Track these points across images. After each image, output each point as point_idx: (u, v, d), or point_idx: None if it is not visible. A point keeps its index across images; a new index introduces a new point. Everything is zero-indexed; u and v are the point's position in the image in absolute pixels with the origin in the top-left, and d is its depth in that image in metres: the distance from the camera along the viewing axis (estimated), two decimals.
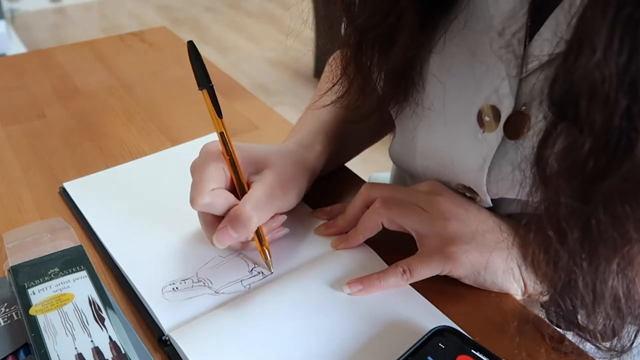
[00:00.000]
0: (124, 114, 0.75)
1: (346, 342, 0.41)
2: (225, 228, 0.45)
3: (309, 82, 2.71)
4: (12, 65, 0.89)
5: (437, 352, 0.38)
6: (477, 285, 0.46)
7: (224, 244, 0.46)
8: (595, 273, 0.35)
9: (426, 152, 0.52)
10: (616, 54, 0.28)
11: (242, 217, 0.45)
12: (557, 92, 0.33)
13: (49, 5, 3.66)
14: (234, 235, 0.45)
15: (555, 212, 0.35)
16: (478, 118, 0.46)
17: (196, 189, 0.46)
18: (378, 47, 0.47)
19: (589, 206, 0.33)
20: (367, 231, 0.49)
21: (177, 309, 0.44)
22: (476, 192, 0.49)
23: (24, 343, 0.41)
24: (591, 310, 0.38)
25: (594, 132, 0.31)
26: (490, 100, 0.45)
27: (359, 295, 0.45)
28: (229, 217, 0.45)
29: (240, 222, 0.45)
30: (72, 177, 0.60)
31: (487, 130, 0.45)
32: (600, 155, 0.31)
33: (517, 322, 0.43)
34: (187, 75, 0.87)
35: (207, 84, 0.47)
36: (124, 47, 0.97)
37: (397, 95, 0.50)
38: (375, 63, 0.48)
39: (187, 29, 3.33)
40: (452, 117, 0.48)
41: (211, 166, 0.47)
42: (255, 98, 0.79)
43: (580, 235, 0.34)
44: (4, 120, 0.73)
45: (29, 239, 0.50)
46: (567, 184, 0.34)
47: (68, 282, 0.44)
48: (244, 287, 0.46)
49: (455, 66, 0.46)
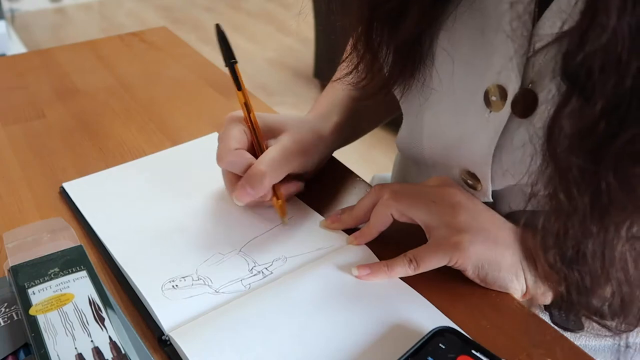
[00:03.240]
0: (124, 114, 0.75)
1: (347, 342, 0.41)
2: (242, 186, 0.49)
3: (309, 82, 2.71)
4: (12, 65, 0.89)
5: (437, 353, 0.38)
6: (479, 280, 0.46)
7: (243, 201, 0.50)
8: (605, 239, 0.35)
9: (433, 133, 0.52)
10: (629, 15, 0.29)
11: (258, 174, 0.49)
12: (570, 63, 0.33)
13: (49, 5, 3.66)
14: (250, 191, 0.49)
15: (566, 177, 0.35)
16: (485, 98, 0.46)
17: (221, 148, 0.51)
18: (388, 22, 0.48)
19: (600, 168, 0.33)
20: (378, 225, 0.49)
21: (177, 308, 0.44)
22: (479, 179, 0.49)
23: (24, 343, 0.41)
24: (599, 281, 0.37)
25: (605, 95, 0.31)
26: (497, 80, 0.45)
27: (366, 280, 0.46)
28: (246, 175, 0.50)
29: (255, 179, 0.49)
30: (72, 177, 0.60)
31: (494, 109, 0.46)
32: (611, 117, 0.32)
33: (517, 322, 0.43)
34: (187, 75, 0.87)
35: (230, 61, 0.52)
36: (124, 47, 0.97)
37: (405, 72, 0.50)
38: (385, 39, 0.49)
39: (187, 29, 3.33)
40: (459, 97, 0.48)
41: (235, 129, 0.52)
42: (255, 98, 0.79)
43: (590, 200, 0.34)
44: (4, 120, 0.73)
45: (29, 239, 0.50)
46: (578, 147, 0.34)
47: (68, 282, 0.44)
48: (244, 287, 0.46)
49: (462, 45, 0.47)
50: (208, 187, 0.58)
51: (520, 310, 0.45)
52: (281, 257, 0.49)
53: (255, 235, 0.52)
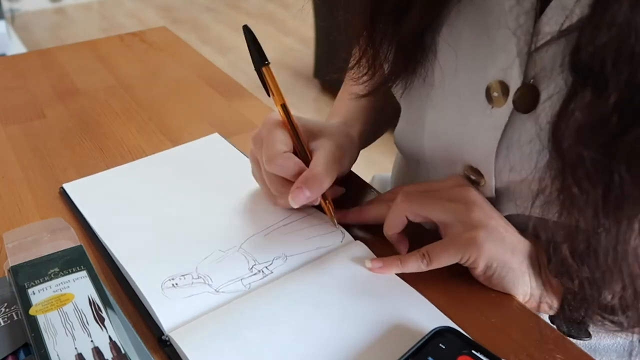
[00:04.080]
0: (124, 114, 0.75)
1: (347, 342, 0.41)
2: (300, 188, 0.48)
3: (309, 82, 2.71)
4: (12, 65, 0.89)
5: (437, 353, 0.38)
6: (484, 279, 0.46)
7: (299, 203, 0.49)
8: (617, 233, 0.35)
9: (435, 131, 0.52)
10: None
11: (319, 177, 0.48)
12: (581, 57, 0.33)
13: (49, 5, 3.66)
14: (308, 194, 0.48)
15: (577, 171, 0.35)
16: (487, 94, 0.46)
17: (270, 151, 0.49)
18: (392, 17, 0.48)
19: (612, 162, 0.33)
20: (394, 227, 0.49)
21: (177, 308, 0.44)
22: (482, 174, 0.49)
23: (24, 343, 0.41)
24: (610, 276, 0.37)
25: (619, 89, 0.31)
26: (499, 76, 0.45)
27: (379, 273, 0.47)
28: (305, 178, 0.48)
29: (315, 182, 0.48)
30: (72, 177, 0.60)
31: (496, 105, 0.46)
32: (624, 110, 0.32)
33: (517, 322, 0.43)
34: (187, 75, 0.87)
35: (264, 62, 0.50)
36: (124, 47, 0.97)
37: (407, 68, 0.51)
38: (388, 34, 0.49)
39: (187, 29, 3.33)
40: (461, 92, 0.48)
41: (280, 131, 0.51)
42: (255, 98, 0.79)
43: (602, 193, 0.34)
44: (4, 120, 0.73)
45: (29, 239, 0.50)
46: (591, 141, 0.34)
47: (68, 282, 0.44)
48: (244, 287, 0.46)
49: (464, 41, 0.47)
50: (208, 187, 0.58)
51: (521, 310, 0.45)
52: (281, 256, 0.49)
53: (255, 232, 0.52)
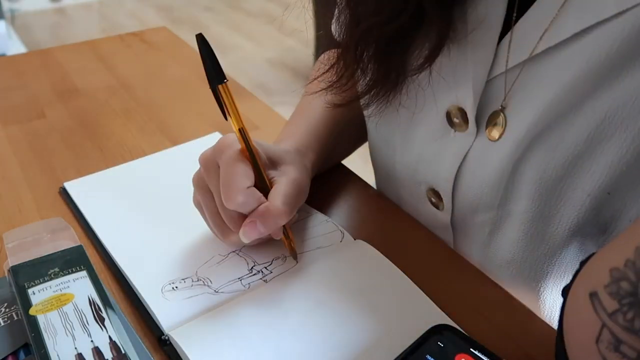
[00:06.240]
0: (124, 114, 0.75)
1: (345, 340, 0.41)
2: (253, 223, 0.44)
3: None
4: (12, 65, 0.89)
5: (435, 351, 0.38)
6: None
7: (251, 238, 0.44)
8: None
9: (406, 146, 0.52)
10: None
11: (275, 213, 0.44)
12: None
13: (49, 5, 3.66)
14: (262, 230, 0.44)
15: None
16: (448, 118, 0.47)
17: (230, 187, 0.44)
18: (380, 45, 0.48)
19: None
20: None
21: (177, 308, 0.44)
22: (442, 198, 0.49)
23: (24, 343, 0.41)
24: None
25: None
26: (456, 102, 0.46)
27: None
28: (259, 213, 0.44)
29: (271, 218, 0.44)
30: (72, 177, 0.61)
31: (458, 130, 0.47)
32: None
33: (517, 322, 0.44)
34: (187, 75, 0.87)
35: (221, 80, 0.44)
36: (124, 47, 0.97)
37: (385, 88, 0.49)
38: (371, 59, 0.48)
39: (187, 29, 3.33)
40: (426, 115, 0.49)
41: (242, 164, 0.45)
42: (255, 98, 0.79)
43: None
44: (4, 120, 0.73)
45: (29, 239, 0.50)
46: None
47: (68, 282, 0.44)
48: (243, 286, 0.46)
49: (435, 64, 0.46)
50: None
51: (521, 309, 0.45)
52: (281, 256, 0.49)
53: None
